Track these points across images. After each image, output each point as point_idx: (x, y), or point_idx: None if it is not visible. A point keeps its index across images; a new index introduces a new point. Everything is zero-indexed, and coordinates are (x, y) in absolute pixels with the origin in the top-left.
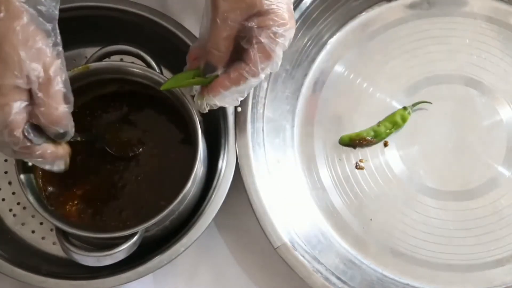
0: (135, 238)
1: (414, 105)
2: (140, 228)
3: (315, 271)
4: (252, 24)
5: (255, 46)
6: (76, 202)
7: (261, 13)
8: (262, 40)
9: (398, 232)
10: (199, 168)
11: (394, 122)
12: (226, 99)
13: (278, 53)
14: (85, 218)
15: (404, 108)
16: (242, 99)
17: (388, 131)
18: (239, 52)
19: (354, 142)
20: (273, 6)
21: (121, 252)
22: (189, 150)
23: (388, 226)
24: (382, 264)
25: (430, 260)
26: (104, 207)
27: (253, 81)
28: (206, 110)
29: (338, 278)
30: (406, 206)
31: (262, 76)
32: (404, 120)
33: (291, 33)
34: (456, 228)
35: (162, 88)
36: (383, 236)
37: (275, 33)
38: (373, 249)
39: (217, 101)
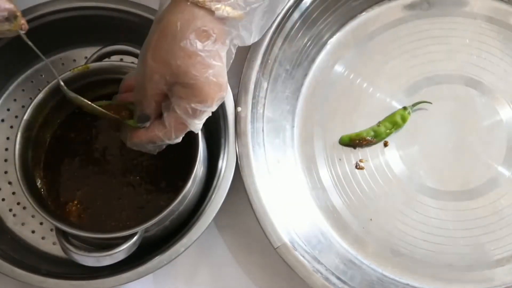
0: (135, 238)
1: (414, 105)
2: (140, 228)
3: (315, 271)
4: (174, 91)
5: (171, 115)
6: (76, 202)
7: (183, 85)
8: (178, 112)
9: (398, 232)
10: (199, 168)
11: (394, 122)
12: (144, 149)
13: (195, 126)
14: (85, 218)
15: (404, 108)
16: (160, 150)
17: (388, 131)
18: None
19: (354, 142)
20: (196, 81)
21: (121, 252)
22: (189, 150)
23: (388, 226)
24: (382, 264)
25: (430, 260)
26: (104, 207)
27: (169, 142)
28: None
29: (338, 278)
30: (406, 206)
31: (179, 139)
32: (404, 120)
33: (214, 107)
34: (456, 228)
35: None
36: (383, 236)
37: (193, 109)
38: (373, 249)
39: (135, 148)
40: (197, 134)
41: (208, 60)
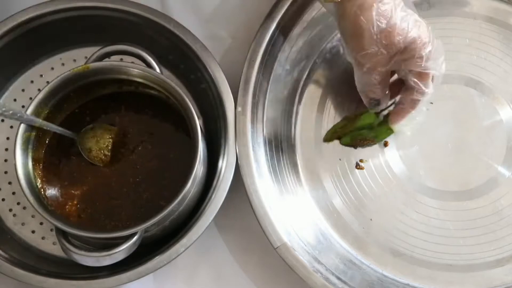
0: (134, 238)
1: None
2: (140, 228)
3: (315, 271)
4: (399, 61)
5: (411, 76)
6: (76, 202)
7: (401, 50)
8: (414, 69)
9: (398, 232)
10: (199, 168)
11: None
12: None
13: (434, 68)
14: (85, 218)
15: None
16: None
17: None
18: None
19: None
20: (408, 40)
21: (121, 252)
22: (189, 150)
23: (388, 226)
24: (382, 264)
25: (430, 260)
26: (104, 207)
27: (425, 99)
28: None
29: (338, 278)
30: (406, 206)
31: (431, 90)
32: None
33: (434, 51)
34: (456, 228)
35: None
36: (383, 236)
37: (421, 57)
38: (373, 249)
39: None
40: (197, 134)
41: (402, 14)
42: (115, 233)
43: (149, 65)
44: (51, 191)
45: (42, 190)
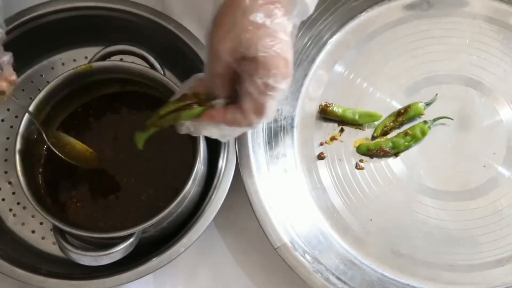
0: (132, 239)
1: (435, 120)
2: (137, 229)
3: (315, 271)
4: (244, 68)
5: (246, 98)
6: (75, 201)
7: (252, 59)
8: (251, 91)
9: (398, 232)
10: (199, 168)
11: (414, 135)
12: (209, 133)
13: (270, 107)
14: (83, 217)
15: (425, 122)
16: (230, 138)
17: (407, 143)
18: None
19: (371, 151)
20: (265, 54)
21: (118, 252)
22: (189, 150)
23: (388, 226)
24: (382, 264)
25: (430, 260)
26: (103, 206)
27: (248, 127)
28: (183, 132)
29: (338, 278)
30: (406, 206)
31: (255, 126)
32: (424, 133)
33: (284, 84)
34: (456, 228)
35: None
36: (383, 236)
37: (266, 85)
38: (373, 249)
39: (202, 130)
40: None
41: (276, 34)
42: (112, 233)
43: (151, 66)
44: (51, 191)
45: (42, 189)
